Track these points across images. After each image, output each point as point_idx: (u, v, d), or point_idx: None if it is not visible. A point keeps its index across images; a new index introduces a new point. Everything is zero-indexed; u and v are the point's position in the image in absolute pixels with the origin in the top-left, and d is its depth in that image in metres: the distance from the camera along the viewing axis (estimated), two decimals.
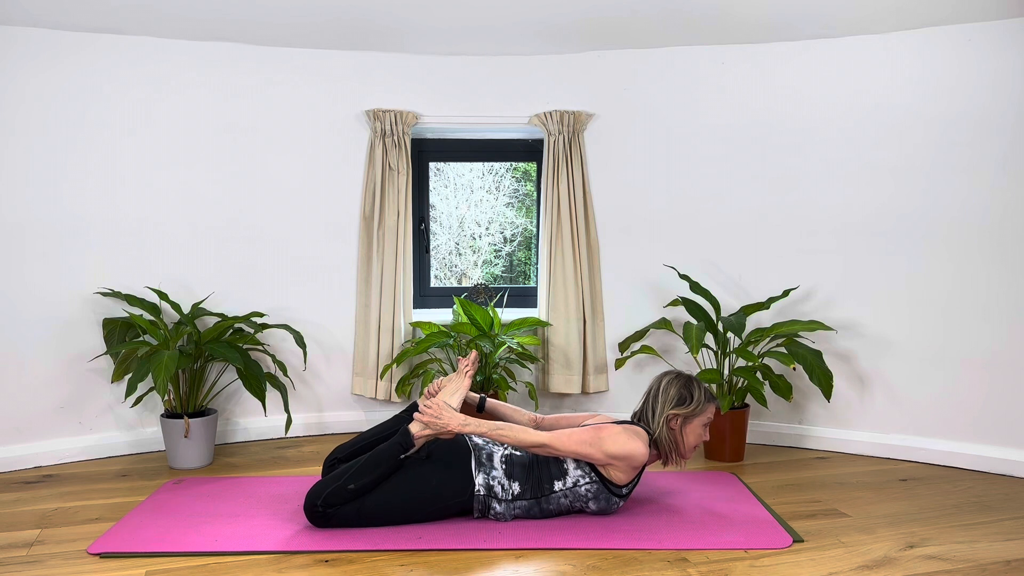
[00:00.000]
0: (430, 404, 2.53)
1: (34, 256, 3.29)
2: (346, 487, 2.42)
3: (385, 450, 2.49)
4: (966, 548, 2.37)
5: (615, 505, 2.57)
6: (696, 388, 2.62)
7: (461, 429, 2.48)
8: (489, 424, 2.50)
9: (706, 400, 2.61)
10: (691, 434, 2.60)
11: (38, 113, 3.28)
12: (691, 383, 2.63)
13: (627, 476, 2.52)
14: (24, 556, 2.30)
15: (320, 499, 2.42)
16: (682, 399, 2.59)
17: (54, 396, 3.33)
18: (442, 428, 2.48)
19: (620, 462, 2.47)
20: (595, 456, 2.48)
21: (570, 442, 2.48)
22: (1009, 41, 3.14)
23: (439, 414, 2.50)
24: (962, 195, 3.24)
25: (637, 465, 2.49)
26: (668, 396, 2.60)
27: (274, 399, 3.64)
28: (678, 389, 2.61)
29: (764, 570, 2.20)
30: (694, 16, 3.31)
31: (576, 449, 2.48)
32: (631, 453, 2.46)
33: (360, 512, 2.44)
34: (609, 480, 2.52)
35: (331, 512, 2.43)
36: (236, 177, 3.62)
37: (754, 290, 3.64)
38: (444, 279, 4.31)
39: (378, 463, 2.46)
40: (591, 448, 2.47)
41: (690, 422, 2.59)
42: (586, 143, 3.80)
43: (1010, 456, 3.15)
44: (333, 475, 2.48)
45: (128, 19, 3.25)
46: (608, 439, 2.47)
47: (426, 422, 2.49)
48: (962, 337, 3.26)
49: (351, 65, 3.72)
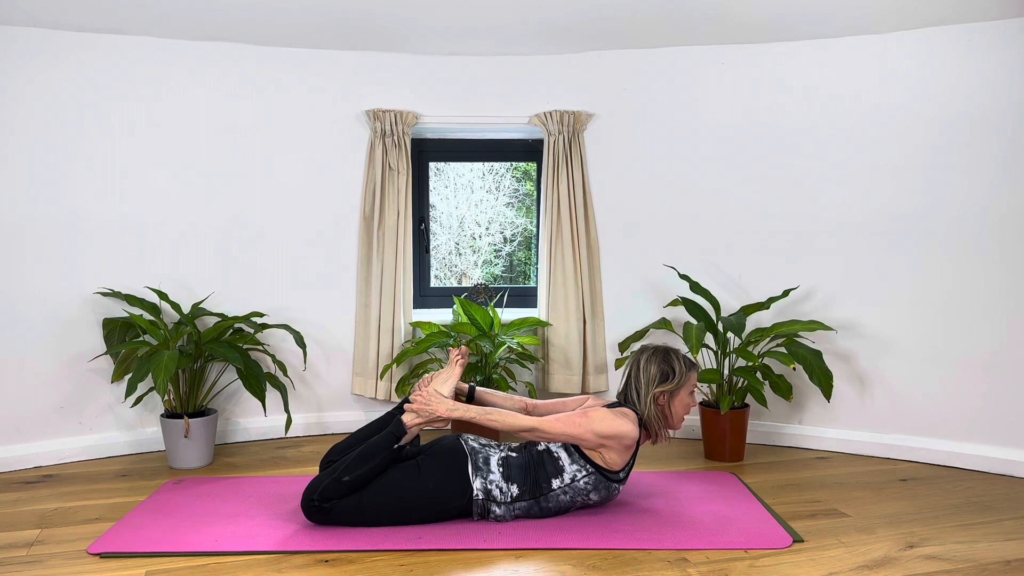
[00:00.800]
0: (420, 392, 2.57)
1: (34, 256, 3.29)
2: (341, 479, 2.42)
3: (378, 441, 2.49)
4: (966, 548, 2.37)
5: (615, 491, 2.58)
6: (676, 360, 2.64)
7: (449, 415, 2.51)
8: (477, 409, 2.53)
9: (688, 369, 2.64)
10: (679, 405, 2.63)
11: (38, 113, 3.28)
12: (670, 355, 2.65)
13: (621, 457, 2.52)
14: (24, 556, 2.30)
15: (316, 493, 2.42)
16: (664, 375, 2.61)
17: (54, 396, 3.33)
18: (431, 415, 2.51)
19: (611, 441, 2.48)
20: (585, 437, 2.48)
21: (559, 424, 2.49)
22: (1009, 41, 3.14)
23: (428, 401, 2.53)
24: (962, 195, 3.24)
25: (629, 444, 2.50)
26: (650, 375, 2.62)
27: (274, 399, 3.64)
28: (658, 366, 2.63)
29: (764, 570, 2.20)
30: (694, 16, 3.31)
31: (565, 431, 2.49)
32: (620, 431, 2.47)
33: (358, 510, 2.44)
34: (605, 468, 2.52)
35: (328, 507, 2.42)
36: (236, 177, 3.62)
37: (754, 290, 3.64)
38: (444, 279, 4.31)
39: (372, 454, 2.46)
40: (580, 429, 2.48)
41: (677, 395, 2.62)
42: (586, 143, 3.80)
43: (1010, 456, 3.15)
44: (328, 470, 2.49)
45: (128, 19, 3.25)
46: (597, 420, 2.49)
47: (416, 410, 2.54)
48: (962, 337, 3.26)
49: (351, 65, 3.72)
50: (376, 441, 2.50)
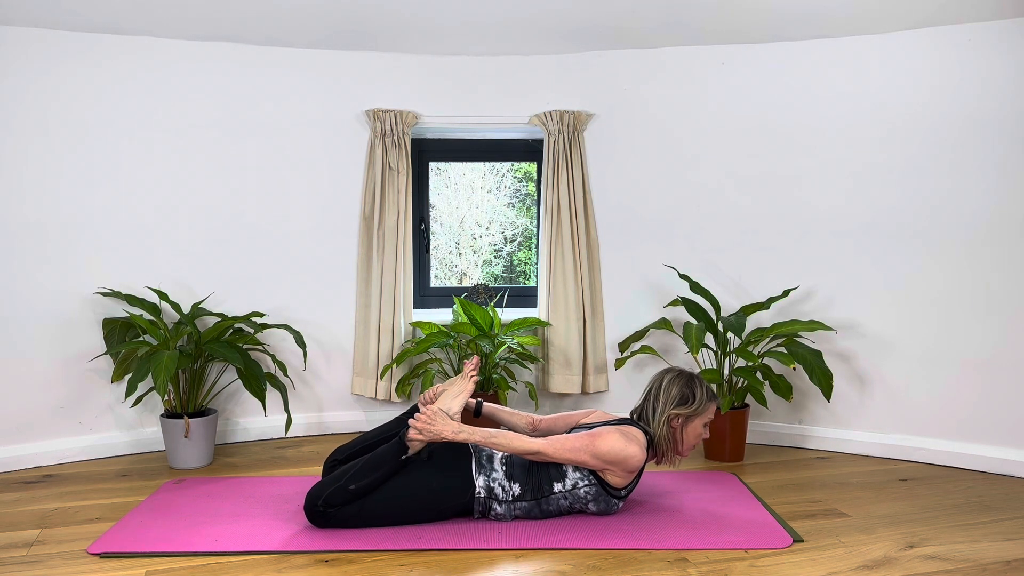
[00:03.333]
0: (425, 411, 2.51)
1: (34, 256, 3.29)
2: (347, 488, 2.41)
3: (386, 452, 2.48)
4: (966, 548, 2.37)
5: (615, 506, 2.57)
6: (699, 387, 2.60)
7: (454, 437, 2.47)
8: (483, 432, 2.49)
9: (708, 399, 2.60)
10: (691, 433, 2.60)
11: (38, 113, 3.28)
12: (693, 382, 2.61)
13: (624, 480, 2.51)
14: (24, 556, 2.30)
15: (320, 499, 2.41)
16: (684, 399, 2.58)
17: (54, 396, 3.33)
18: (436, 436, 2.46)
19: (615, 467, 2.47)
20: (590, 463, 2.47)
21: (564, 449, 2.47)
22: (1009, 41, 3.14)
23: (433, 421, 2.48)
24: (962, 195, 3.24)
25: (633, 469, 2.48)
26: (670, 395, 2.58)
27: (274, 399, 3.64)
28: (680, 388, 2.59)
29: (764, 570, 2.20)
30: (694, 16, 3.31)
31: (570, 457, 2.47)
32: (626, 458, 2.45)
33: (361, 512, 2.43)
34: (607, 483, 2.52)
35: (331, 512, 2.42)
36: (236, 177, 3.62)
37: (754, 290, 3.64)
38: (444, 279, 4.31)
39: (379, 465, 2.46)
40: (585, 455, 2.46)
41: (691, 422, 2.59)
42: (586, 143, 3.80)
43: (1010, 456, 3.15)
44: (333, 476, 2.47)
45: (128, 19, 3.25)
46: (602, 445, 2.45)
47: (420, 428, 2.47)
48: (962, 337, 3.26)
49: (351, 65, 3.72)
50: (384, 451, 2.48)
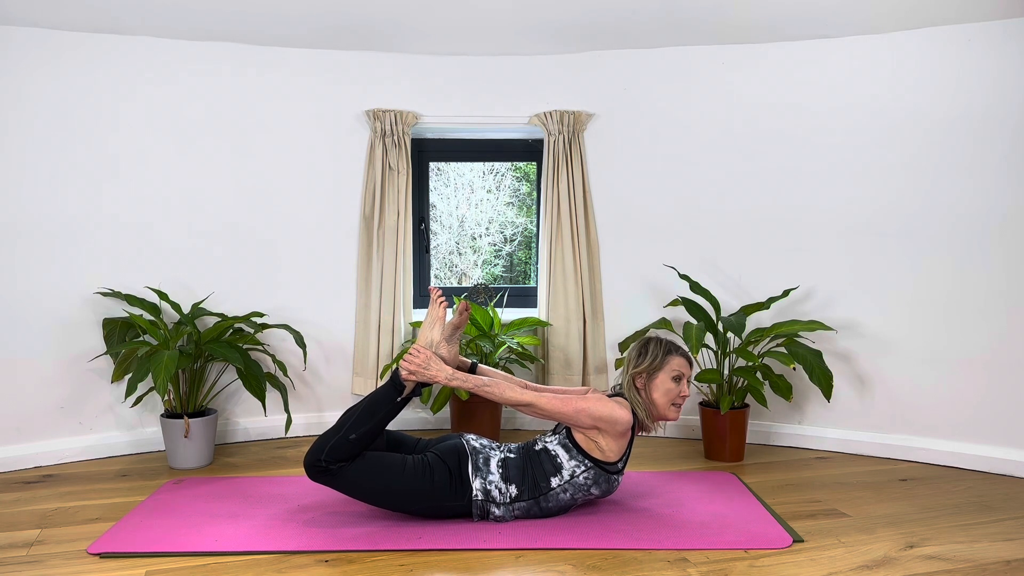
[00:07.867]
0: (419, 351, 2.51)
1: (34, 256, 3.29)
2: (347, 438, 2.41)
3: (381, 396, 2.49)
4: (966, 548, 2.37)
5: (615, 482, 2.58)
6: (652, 343, 2.65)
7: (448, 382, 2.49)
8: (476, 380, 2.51)
9: (664, 352, 2.62)
10: (659, 390, 2.59)
11: (38, 113, 3.28)
12: (649, 340, 2.67)
13: (617, 444, 2.51)
14: (24, 556, 2.30)
15: (324, 453, 2.41)
16: (640, 356, 2.64)
17: (54, 396, 3.33)
18: (430, 379, 2.49)
19: (604, 424, 2.47)
20: (579, 417, 2.48)
21: (555, 401, 2.49)
22: (1009, 41, 3.14)
23: (427, 364, 2.49)
24: (962, 195, 3.24)
25: (623, 430, 2.49)
26: (629, 358, 2.66)
27: (274, 399, 3.64)
28: (636, 348, 2.66)
29: (764, 570, 2.20)
30: (694, 16, 3.31)
31: (560, 408, 2.48)
32: (614, 415, 2.47)
33: (360, 482, 2.43)
34: (602, 460, 2.52)
35: (334, 468, 2.41)
36: (236, 177, 3.62)
37: (754, 290, 3.64)
38: (444, 279, 4.31)
39: (375, 410, 2.47)
40: (574, 408, 2.48)
41: (655, 377, 2.60)
42: (586, 143, 3.80)
43: (1010, 456, 3.15)
44: (332, 428, 2.46)
45: (128, 19, 3.25)
46: (592, 401, 2.49)
47: (413, 370, 2.48)
48: (962, 337, 3.26)
49: (351, 65, 3.72)
50: (379, 396, 2.50)
